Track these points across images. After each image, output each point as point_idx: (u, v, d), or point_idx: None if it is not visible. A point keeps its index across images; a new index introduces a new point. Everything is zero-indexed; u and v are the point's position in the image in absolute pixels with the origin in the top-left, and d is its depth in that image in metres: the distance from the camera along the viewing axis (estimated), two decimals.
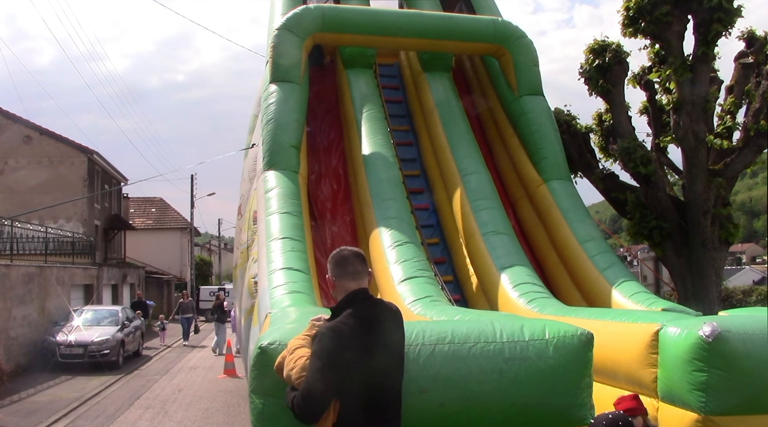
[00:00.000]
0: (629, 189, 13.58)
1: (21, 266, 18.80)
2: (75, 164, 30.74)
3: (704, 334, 5.11)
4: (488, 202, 10.80)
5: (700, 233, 12.48)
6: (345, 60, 12.90)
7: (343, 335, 3.31)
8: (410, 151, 12.82)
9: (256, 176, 11.46)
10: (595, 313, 7.50)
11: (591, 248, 10.46)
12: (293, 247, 8.91)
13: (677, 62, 12.55)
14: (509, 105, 12.55)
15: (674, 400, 5.34)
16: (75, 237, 27.21)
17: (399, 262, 9.06)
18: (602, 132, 14.92)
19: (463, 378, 3.95)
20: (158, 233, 46.13)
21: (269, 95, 11.27)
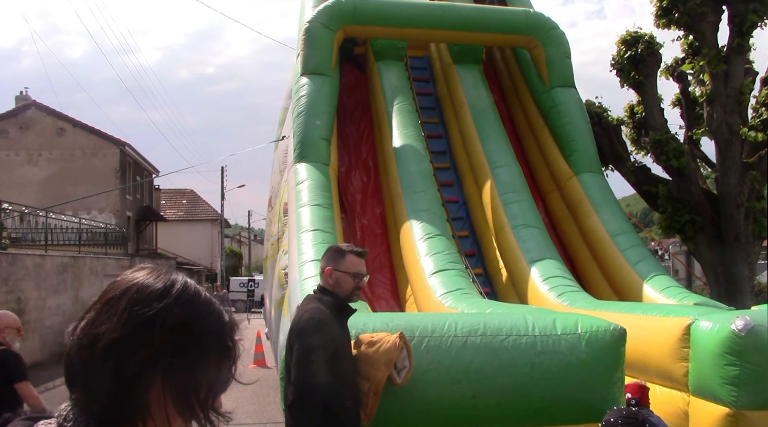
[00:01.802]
0: (661, 182, 13.44)
1: (55, 256, 19.12)
2: (107, 156, 31.15)
3: (737, 328, 5.06)
4: (518, 195, 10.75)
5: (734, 227, 12.33)
6: (376, 52, 12.90)
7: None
8: (440, 143, 12.80)
9: (287, 168, 11.52)
10: (626, 307, 7.47)
11: (622, 242, 10.38)
12: (324, 239, 8.96)
13: (711, 54, 12.38)
14: (540, 97, 12.47)
15: (705, 394, 5.30)
16: (108, 228, 27.59)
17: (430, 254, 9.07)
18: (634, 124, 14.78)
19: (494, 371, 3.97)
20: (189, 225, 46.55)
21: (300, 88, 11.32)
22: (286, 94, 13.80)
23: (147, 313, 1.25)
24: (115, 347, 1.22)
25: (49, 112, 31.22)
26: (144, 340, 1.23)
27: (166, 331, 1.24)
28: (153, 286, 1.30)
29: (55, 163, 30.42)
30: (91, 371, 1.22)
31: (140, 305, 1.26)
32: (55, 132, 30.90)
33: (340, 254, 3.73)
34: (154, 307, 1.25)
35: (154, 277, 1.33)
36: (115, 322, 1.25)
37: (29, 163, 30.37)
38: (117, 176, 30.89)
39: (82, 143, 30.87)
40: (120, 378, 1.20)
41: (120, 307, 1.27)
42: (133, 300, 1.27)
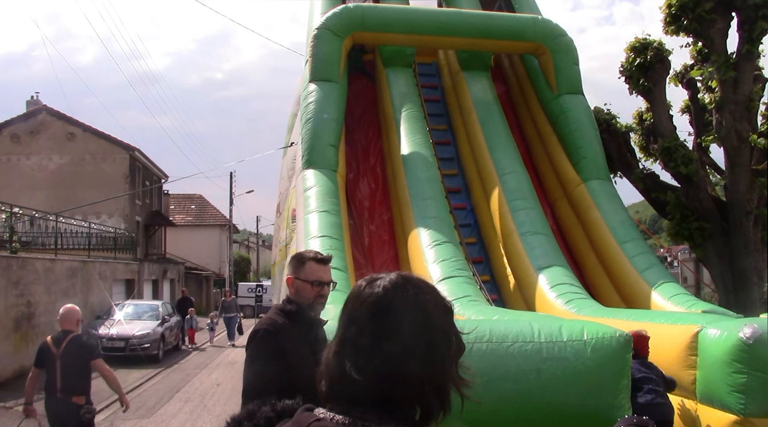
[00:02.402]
0: (670, 189, 13.41)
1: (65, 261, 19.20)
2: (117, 161, 31.27)
3: (744, 336, 5.05)
4: (526, 202, 10.76)
5: (743, 234, 12.28)
6: (384, 59, 12.95)
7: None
8: (448, 150, 12.83)
9: (295, 174, 11.56)
10: (633, 314, 7.46)
11: (630, 249, 10.37)
12: (331, 245, 8.99)
13: (720, 60, 12.35)
14: (548, 104, 12.49)
15: (713, 402, 5.29)
16: (117, 233, 27.70)
17: (437, 261, 9.08)
18: (643, 131, 14.76)
19: (500, 377, 3.98)
20: (198, 230, 46.67)
21: (309, 94, 11.37)
22: (295, 100, 13.85)
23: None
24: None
25: (60, 116, 31.36)
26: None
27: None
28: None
29: (65, 167, 30.54)
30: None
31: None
32: (66, 136, 31.04)
33: (300, 261, 3.54)
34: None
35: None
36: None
37: (39, 167, 30.51)
38: (126, 181, 31.00)
39: (92, 148, 31.00)
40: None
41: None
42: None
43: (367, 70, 13.88)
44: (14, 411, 12.06)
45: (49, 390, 6.30)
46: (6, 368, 14.81)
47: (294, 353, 3.25)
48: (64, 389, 6.25)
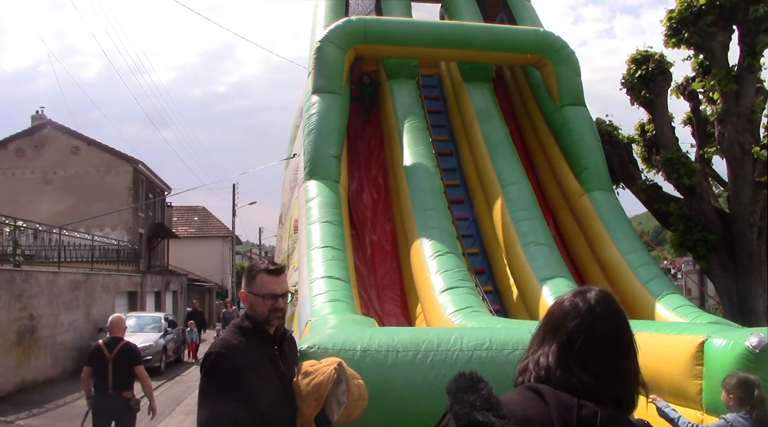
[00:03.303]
0: (673, 200, 13.39)
1: (68, 273, 19.21)
2: (120, 174, 31.38)
3: (751, 345, 4.99)
4: (529, 213, 10.74)
5: (746, 246, 12.25)
6: (388, 70, 12.98)
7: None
8: (450, 160, 12.83)
9: (298, 185, 11.57)
10: (638, 325, 7.39)
11: (634, 260, 10.33)
12: (334, 256, 8.98)
13: (722, 73, 12.36)
14: (550, 115, 12.49)
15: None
16: (120, 245, 27.73)
17: (440, 272, 9.06)
18: (645, 142, 14.77)
19: (501, 385, 3.92)
20: (200, 241, 46.72)
21: (311, 106, 11.39)
22: (297, 112, 13.89)
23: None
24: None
25: (64, 130, 31.51)
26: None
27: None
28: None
29: (69, 180, 30.64)
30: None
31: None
32: (70, 150, 31.17)
33: (251, 274, 3.31)
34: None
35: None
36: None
37: (44, 181, 30.62)
38: (130, 194, 31.09)
39: (96, 161, 31.12)
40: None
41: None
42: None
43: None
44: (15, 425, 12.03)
45: (100, 387, 7.34)
46: (8, 382, 14.77)
47: (252, 373, 3.09)
48: (115, 386, 7.30)
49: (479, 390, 1.64)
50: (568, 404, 1.64)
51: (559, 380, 1.70)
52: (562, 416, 1.62)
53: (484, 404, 1.59)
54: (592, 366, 1.69)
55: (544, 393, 1.68)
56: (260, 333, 3.25)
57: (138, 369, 7.60)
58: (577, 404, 1.63)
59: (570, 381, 1.68)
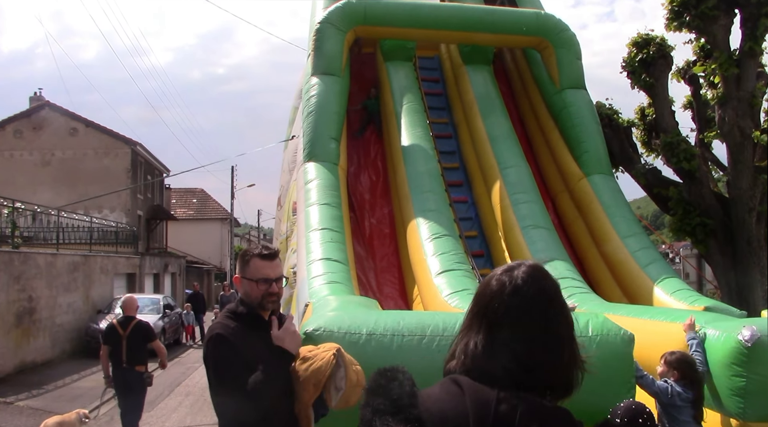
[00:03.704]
0: (672, 185, 13.37)
1: (67, 255, 19.22)
2: (119, 156, 31.32)
3: (743, 338, 4.93)
4: (527, 196, 10.73)
5: (745, 231, 12.24)
6: (385, 52, 12.91)
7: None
8: (449, 143, 12.80)
9: (296, 168, 11.55)
10: (634, 310, 7.41)
11: (632, 244, 10.33)
12: (332, 238, 8.97)
13: (723, 57, 12.29)
14: (550, 98, 12.45)
15: (712, 404, 5.21)
16: (118, 227, 27.73)
17: (436, 254, 9.06)
18: (645, 126, 14.72)
19: None
20: (199, 224, 46.73)
21: (310, 88, 11.35)
22: (297, 93, 13.83)
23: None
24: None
25: (63, 112, 31.39)
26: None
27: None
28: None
29: (67, 162, 30.58)
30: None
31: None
32: (68, 132, 31.07)
33: (245, 259, 3.30)
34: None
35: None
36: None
37: (42, 162, 30.56)
38: (128, 176, 31.03)
39: (94, 143, 31.03)
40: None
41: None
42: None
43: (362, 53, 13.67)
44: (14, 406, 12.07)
45: (115, 362, 8.14)
46: (7, 364, 14.82)
47: (251, 356, 3.07)
48: (128, 361, 8.06)
49: (390, 390, 1.56)
50: (486, 399, 1.51)
51: (482, 368, 1.56)
52: (479, 414, 1.49)
53: (389, 408, 1.52)
54: (518, 352, 1.53)
55: (463, 386, 1.56)
56: (254, 318, 3.25)
57: (154, 344, 8.49)
58: (496, 399, 1.50)
59: (494, 370, 1.54)
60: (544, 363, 1.55)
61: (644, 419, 3.05)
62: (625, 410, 3.10)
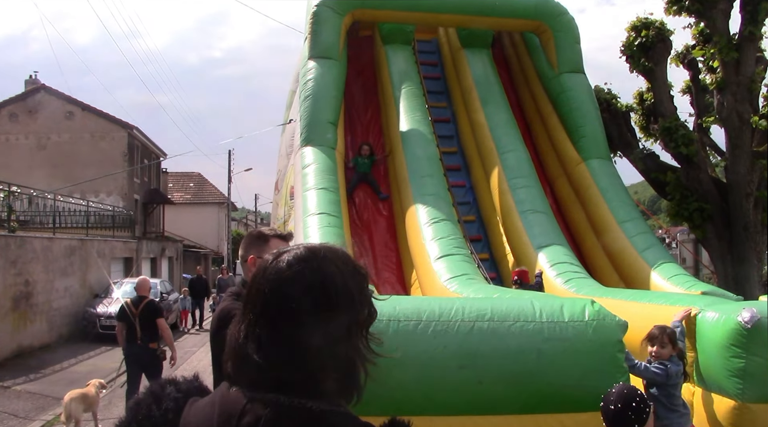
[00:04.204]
0: (670, 169, 13.35)
1: (63, 239, 19.14)
2: (115, 139, 31.15)
3: (743, 320, 4.96)
4: (526, 181, 10.72)
5: (742, 216, 12.25)
6: (383, 36, 12.83)
7: None
8: (448, 128, 12.75)
9: (294, 152, 11.50)
10: (632, 295, 7.42)
11: (630, 229, 10.34)
12: (330, 222, 8.96)
13: (722, 42, 12.23)
14: (549, 82, 12.40)
15: (711, 386, 5.23)
16: (115, 211, 27.64)
17: (435, 239, 9.05)
18: (643, 111, 14.66)
19: (501, 356, 3.94)
20: (196, 208, 46.59)
21: (307, 71, 11.28)
22: (294, 77, 13.75)
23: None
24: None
25: (58, 95, 31.17)
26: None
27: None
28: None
29: (63, 146, 30.41)
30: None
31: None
32: (64, 115, 30.88)
33: (263, 239, 3.28)
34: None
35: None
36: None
37: (38, 146, 30.40)
38: (125, 159, 30.88)
39: (90, 126, 30.85)
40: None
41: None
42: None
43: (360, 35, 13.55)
44: (12, 390, 12.08)
45: (131, 339, 8.56)
46: (4, 348, 14.78)
47: None
48: (142, 338, 8.50)
49: (151, 410, 1.43)
50: (231, 410, 1.32)
51: (240, 369, 1.36)
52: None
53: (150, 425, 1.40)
54: (278, 349, 1.32)
55: (218, 394, 1.39)
56: None
57: (158, 322, 8.68)
58: (241, 411, 1.30)
59: (251, 371, 1.33)
60: (309, 362, 1.33)
61: (637, 402, 3.05)
62: (618, 395, 3.10)
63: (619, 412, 3.04)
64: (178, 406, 1.43)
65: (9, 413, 10.42)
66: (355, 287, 1.42)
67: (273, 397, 1.30)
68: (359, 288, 1.43)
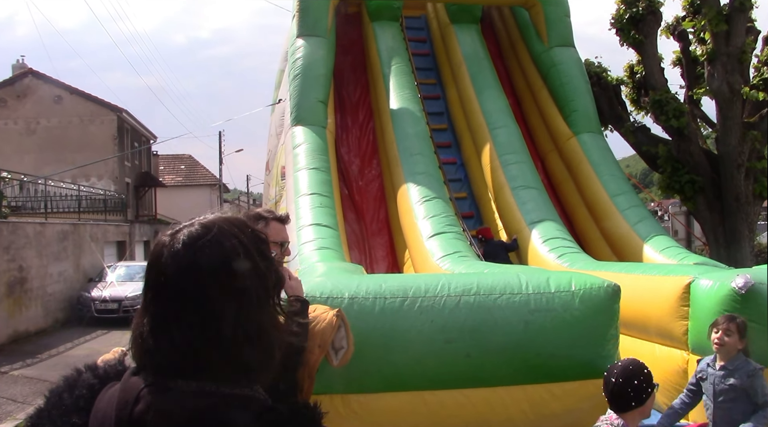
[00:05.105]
0: (661, 142, 13.35)
1: (56, 224, 19.09)
2: (105, 123, 30.97)
3: (737, 286, 5.01)
4: (517, 156, 10.69)
5: (734, 187, 12.27)
6: (371, 12, 12.72)
7: None
8: (438, 104, 12.69)
9: (284, 132, 11.45)
10: (625, 267, 7.44)
11: (621, 202, 10.34)
12: (321, 203, 8.93)
13: (712, 13, 12.17)
14: (539, 57, 12.33)
15: (705, 352, 5.27)
16: (107, 195, 27.55)
17: (427, 217, 9.03)
18: (634, 84, 14.63)
19: (488, 329, 3.95)
20: (188, 190, 46.45)
21: (296, 50, 11.19)
22: (283, 56, 13.65)
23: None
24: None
25: (46, 79, 30.91)
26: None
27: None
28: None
29: (52, 130, 30.23)
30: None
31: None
32: (53, 100, 30.66)
33: (264, 221, 3.22)
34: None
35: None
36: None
37: (27, 131, 30.21)
38: (115, 143, 30.72)
39: (79, 110, 30.65)
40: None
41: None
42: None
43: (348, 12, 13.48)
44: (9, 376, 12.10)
45: None
46: (0, 334, 14.80)
47: None
48: None
49: (63, 397, 1.39)
50: (128, 397, 1.28)
51: (143, 354, 1.31)
52: (119, 415, 1.28)
53: (62, 412, 1.36)
54: (179, 332, 1.26)
55: (120, 381, 1.35)
56: None
57: None
58: (135, 397, 1.27)
59: (149, 356, 1.29)
60: (215, 343, 1.26)
61: (640, 381, 3.01)
62: (622, 369, 3.06)
63: (618, 385, 3.00)
64: (92, 392, 1.38)
65: (7, 398, 10.45)
66: (257, 254, 1.36)
67: (171, 382, 1.26)
68: (261, 254, 1.37)
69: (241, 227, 1.38)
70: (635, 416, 2.99)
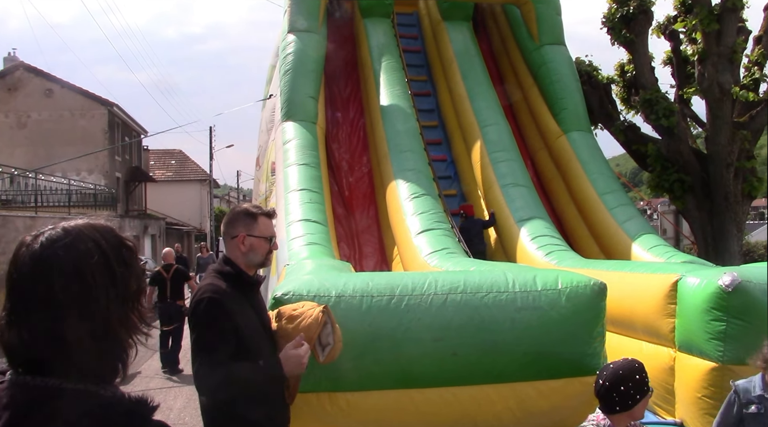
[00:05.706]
0: (651, 141, 13.38)
1: (46, 218, 19.02)
2: (95, 117, 30.86)
3: (724, 283, 5.04)
4: (507, 154, 10.71)
5: (723, 187, 12.31)
6: (363, 9, 12.71)
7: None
8: (428, 101, 12.70)
9: (274, 127, 11.43)
10: (613, 265, 7.48)
11: (610, 201, 10.38)
12: (311, 198, 8.93)
13: (704, 12, 12.20)
14: (530, 55, 12.35)
15: (692, 349, 5.31)
16: (97, 189, 27.46)
17: (416, 214, 9.04)
18: (624, 83, 14.65)
19: (475, 327, 3.95)
20: (178, 185, 46.35)
21: (287, 45, 11.18)
22: (274, 51, 13.63)
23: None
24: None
25: (37, 73, 30.82)
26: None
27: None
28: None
29: (43, 124, 30.12)
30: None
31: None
32: (44, 93, 30.54)
33: (252, 217, 3.29)
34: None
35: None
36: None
37: (18, 125, 30.09)
38: (105, 137, 30.63)
39: (70, 104, 30.55)
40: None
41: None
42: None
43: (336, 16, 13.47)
44: None
45: (161, 298, 11.07)
46: None
47: (242, 319, 3.03)
48: (172, 296, 11.06)
49: None
50: None
51: (3, 349, 1.36)
52: None
53: None
54: (31, 331, 1.32)
55: None
56: (242, 278, 3.21)
57: (189, 282, 11.78)
58: None
59: (7, 353, 1.35)
60: (62, 342, 1.31)
61: (627, 387, 2.93)
62: (612, 372, 2.95)
63: (605, 388, 2.95)
64: None
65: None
66: (116, 259, 1.40)
67: (19, 379, 1.31)
68: (121, 261, 1.42)
69: (104, 233, 1.42)
70: (623, 418, 2.95)
